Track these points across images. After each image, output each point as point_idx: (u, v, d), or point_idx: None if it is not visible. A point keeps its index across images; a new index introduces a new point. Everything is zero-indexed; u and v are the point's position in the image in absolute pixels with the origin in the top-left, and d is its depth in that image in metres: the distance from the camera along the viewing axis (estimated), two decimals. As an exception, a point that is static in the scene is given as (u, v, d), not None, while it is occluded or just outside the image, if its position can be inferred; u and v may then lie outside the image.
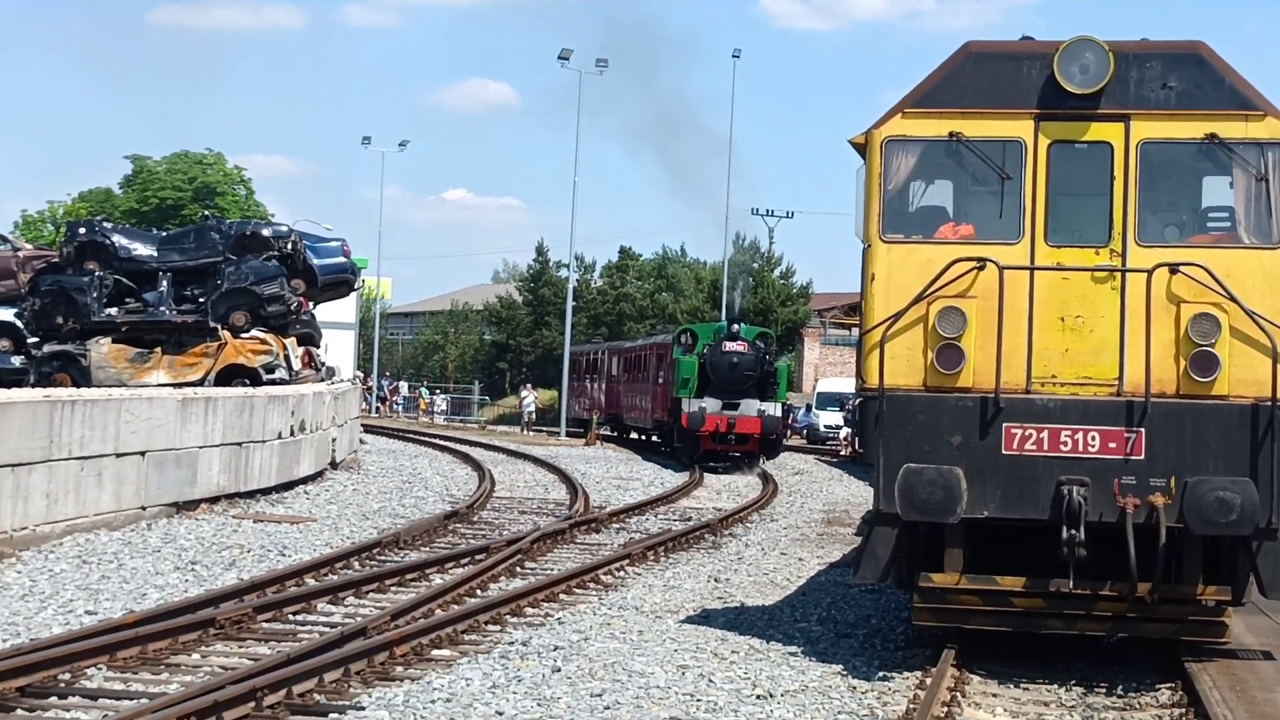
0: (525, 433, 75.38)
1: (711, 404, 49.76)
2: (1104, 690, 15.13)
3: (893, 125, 15.97)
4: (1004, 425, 15.23)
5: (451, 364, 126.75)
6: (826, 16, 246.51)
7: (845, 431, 66.02)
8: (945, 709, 13.38)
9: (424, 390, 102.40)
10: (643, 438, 65.08)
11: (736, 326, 51.86)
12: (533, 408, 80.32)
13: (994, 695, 14.78)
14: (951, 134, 15.80)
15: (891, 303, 15.65)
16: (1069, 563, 14.94)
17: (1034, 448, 15.19)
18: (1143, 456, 15.06)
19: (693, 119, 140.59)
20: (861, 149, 16.28)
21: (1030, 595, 15.37)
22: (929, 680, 14.48)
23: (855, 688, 14.69)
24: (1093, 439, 15.13)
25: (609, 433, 67.95)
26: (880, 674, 15.34)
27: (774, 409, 50.66)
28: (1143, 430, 15.08)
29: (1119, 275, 15.37)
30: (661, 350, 58.44)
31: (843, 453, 64.26)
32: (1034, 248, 15.56)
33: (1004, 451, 15.22)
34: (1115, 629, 15.62)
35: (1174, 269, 15.23)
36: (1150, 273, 15.17)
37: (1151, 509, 14.89)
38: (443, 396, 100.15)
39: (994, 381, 15.30)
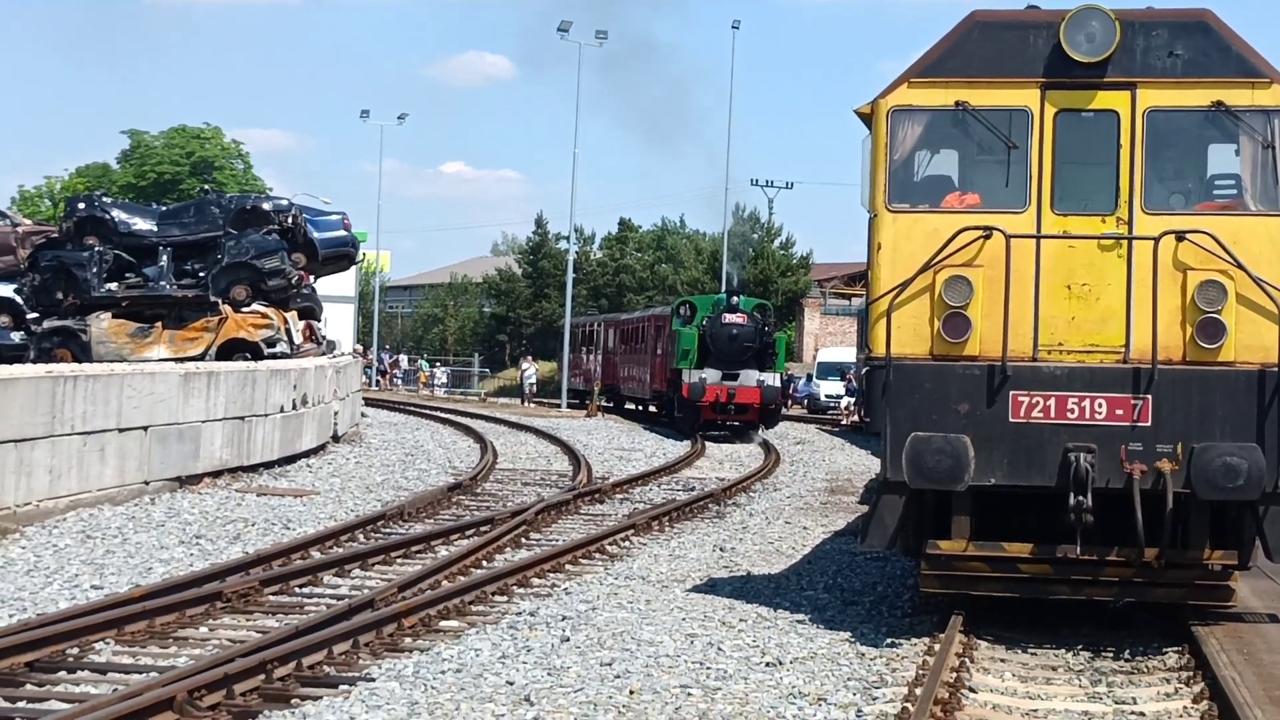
0: (526, 404, 75.36)
1: (711, 374, 50.39)
2: (1111, 654, 15.15)
3: (898, 95, 15.93)
4: (1011, 393, 15.23)
5: (451, 337, 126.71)
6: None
7: (846, 401, 66.13)
8: (954, 674, 13.38)
9: (424, 363, 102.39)
10: (639, 408, 65.65)
11: (736, 299, 52.53)
12: (534, 379, 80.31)
13: (1001, 660, 14.79)
14: (957, 103, 15.75)
15: (898, 272, 15.63)
16: (1076, 529, 14.95)
17: (1041, 415, 15.19)
18: (1149, 423, 15.06)
19: (690, 90, 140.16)
20: (867, 119, 16.24)
21: (1037, 561, 15.38)
22: (937, 646, 14.50)
23: (864, 654, 14.71)
24: (1100, 406, 15.13)
25: (605, 404, 68.03)
26: (888, 640, 15.36)
27: (773, 379, 51.31)
28: (1149, 397, 15.08)
29: (1125, 243, 15.35)
30: (660, 322, 59.14)
31: (844, 422, 64.33)
32: (1040, 216, 15.53)
33: (1011, 419, 15.21)
34: (1122, 594, 15.63)
35: (1180, 236, 15.21)
36: (1157, 240, 15.15)
37: (1158, 475, 14.90)
38: (443, 369, 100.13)
39: (1001, 350, 15.29)
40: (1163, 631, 15.95)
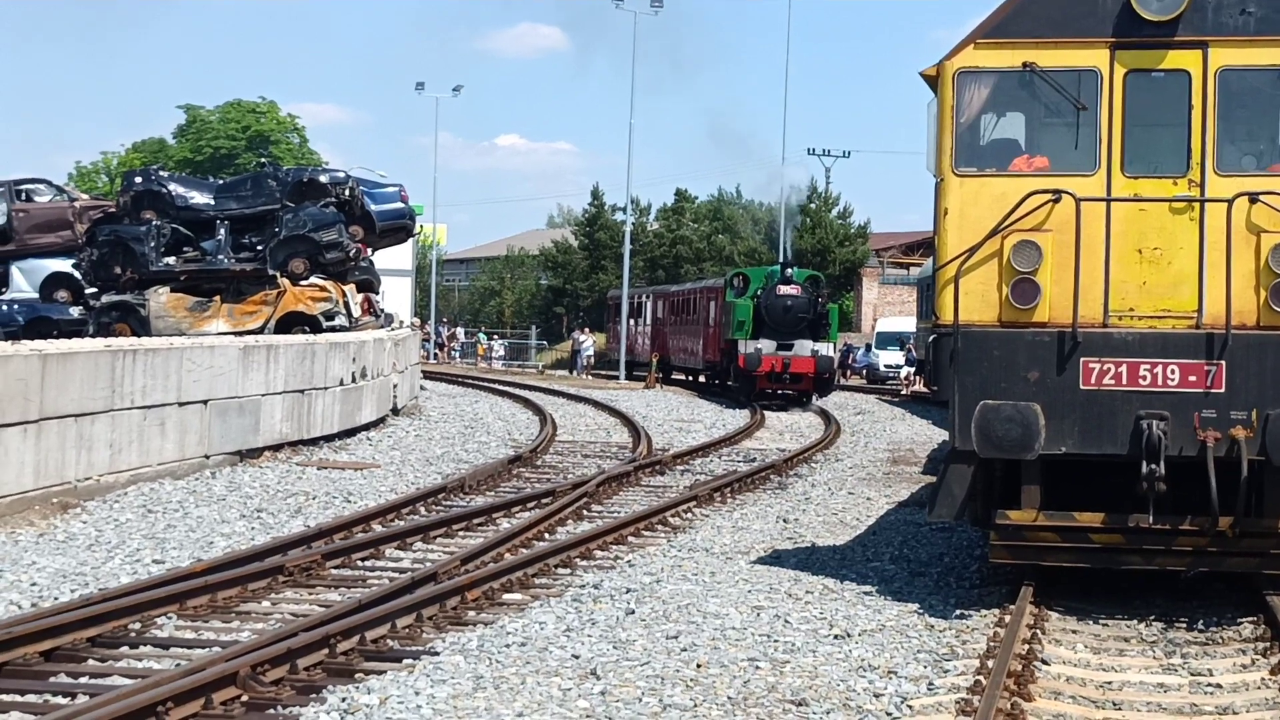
0: (583, 375, 75.20)
1: (767, 345, 51.27)
2: (1184, 625, 14.89)
3: (965, 56, 15.65)
4: (1082, 360, 14.96)
5: (508, 309, 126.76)
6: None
7: (906, 371, 65.84)
8: (1026, 646, 13.16)
9: (481, 335, 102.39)
10: (690, 379, 66.29)
11: (790, 270, 53.55)
12: (590, 351, 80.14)
13: (1073, 632, 14.55)
14: (1025, 64, 15.46)
15: (965, 237, 15.37)
16: (1149, 498, 14.67)
17: (1112, 382, 14.92)
18: (1223, 389, 14.76)
19: (744, 64, 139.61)
20: (933, 81, 15.97)
21: (1109, 531, 15.08)
22: (1007, 618, 14.27)
23: (933, 626, 14.49)
24: (1172, 372, 14.85)
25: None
26: (957, 612, 15.13)
27: (827, 349, 52.15)
28: (1223, 363, 14.79)
29: (1197, 206, 15.05)
30: (712, 294, 60.01)
31: (904, 392, 64.05)
32: (1110, 179, 15.24)
33: (1082, 386, 14.94)
34: (1195, 564, 15.31)
35: (1254, 198, 14.89)
36: (1230, 203, 14.84)
37: (1232, 442, 14.61)
38: (500, 342, 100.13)
39: (1070, 316, 15.03)
40: (1236, 602, 15.65)
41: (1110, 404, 14.90)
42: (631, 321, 75.99)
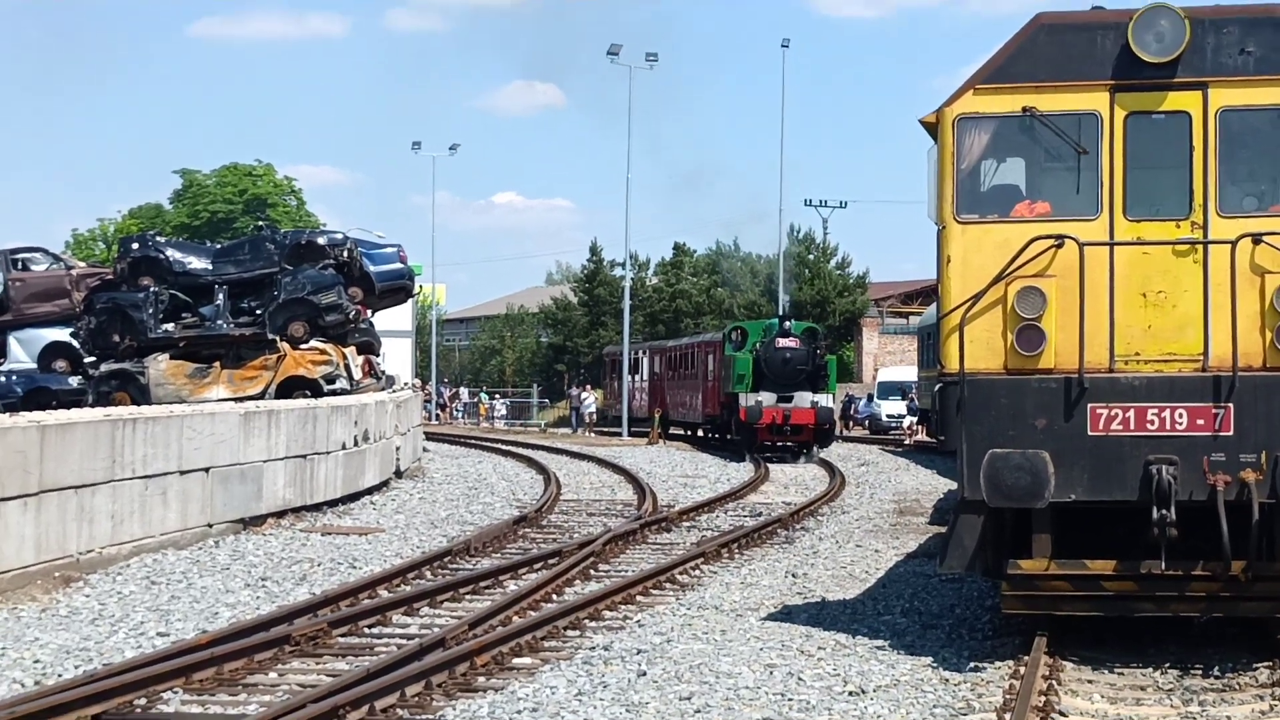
0: (586, 434, 75.04)
1: (767, 397, 51.91)
2: (1199, 672, 14.73)
3: (964, 102, 15.58)
4: (1089, 406, 14.84)
5: (509, 368, 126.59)
6: (873, 4, 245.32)
7: (909, 420, 65.66)
8: (1043, 698, 13.00)
9: (483, 395, 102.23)
10: (689, 433, 66.97)
11: (788, 323, 54.46)
12: (592, 408, 79.97)
13: (1089, 682, 14.39)
14: (1025, 109, 15.39)
15: (969, 285, 15.26)
16: (1160, 544, 14.53)
17: (1120, 427, 14.80)
18: (1232, 432, 14.65)
19: (740, 116, 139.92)
20: (932, 128, 15.91)
21: (1121, 579, 14.94)
22: (1022, 669, 14.12)
23: (947, 680, 14.33)
24: (1180, 416, 14.73)
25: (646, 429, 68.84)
26: (971, 665, 14.97)
27: (826, 400, 52.80)
28: (1231, 405, 14.68)
29: (1201, 248, 14.96)
30: (710, 348, 61.25)
31: (907, 442, 63.88)
32: (1113, 223, 15.15)
33: (1090, 432, 14.83)
34: (1209, 609, 15.16)
35: (1257, 239, 14.82)
36: (1234, 244, 14.76)
37: (1243, 485, 14.50)
38: (502, 401, 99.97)
39: (1077, 361, 14.92)
40: (1251, 647, 15.49)
41: (1119, 450, 14.77)
42: (630, 377, 76.34)
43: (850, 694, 13.66)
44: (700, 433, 65.07)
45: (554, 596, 19.88)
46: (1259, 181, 15.58)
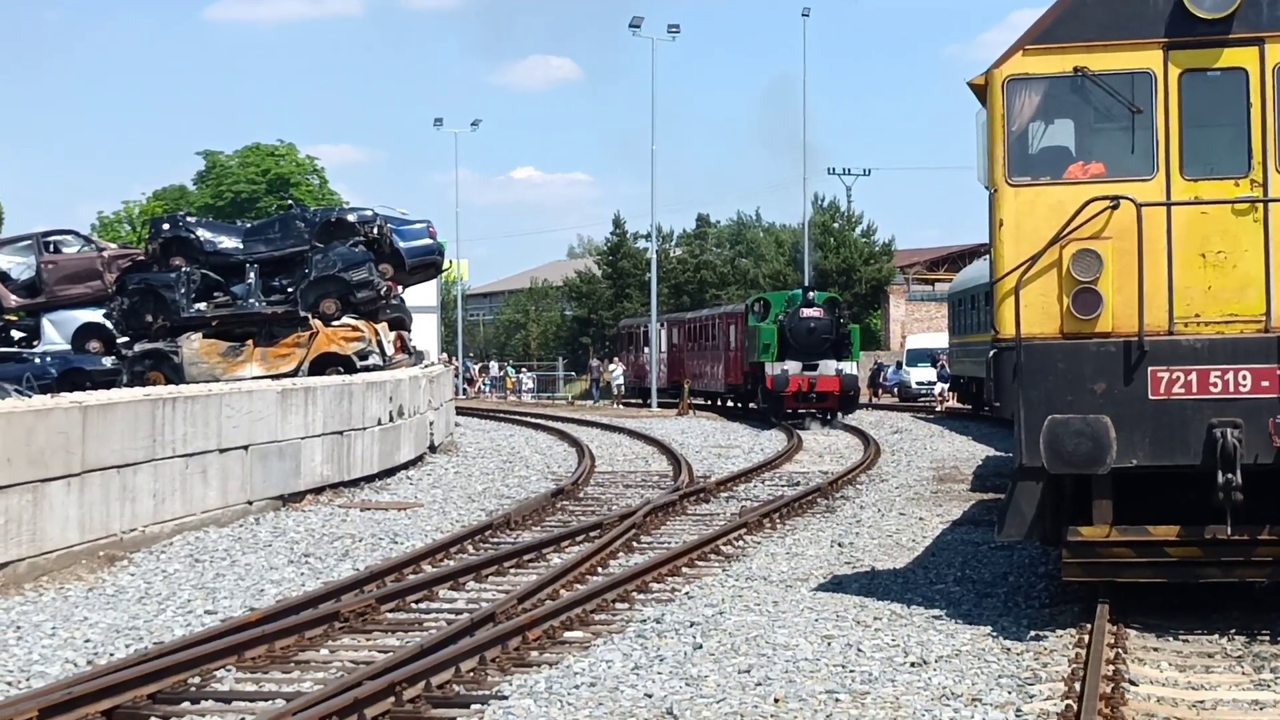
0: (615, 405, 74.88)
1: (793, 366, 53.23)
2: (1266, 638, 14.48)
3: (1014, 63, 15.32)
4: (1150, 369, 14.60)
5: (534, 342, 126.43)
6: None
7: (940, 387, 65.41)
8: (1111, 667, 12.78)
9: (510, 369, 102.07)
10: (709, 403, 68.13)
11: (812, 294, 55.69)
12: (620, 380, 79.74)
13: (1154, 650, 14.16)
14: (1076, 69, 15.13)
15: (1022, 248, 15.02)
16: (1225, 508, 14.29)
17: (1182, 391, 14.56)
18: None
19: (763, 83, 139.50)
20: (981, 91, 15.66)
21: (1185, 544, 14.69)
22: (1086, 638, 13.91)
23: (1009, 649, 14.11)
24: (1244, 378, 14.49)
25: (671, 400, 69.50)
26: (1032, 633, 14.75)
27: (850, 367, 53.97)
28: None
29: (1261, 206, 14.70)
30: (732, 319, 62.64)
31: (938, 408, 63.66)
32: (1169, 183, 14.90)
33: (1151, 397, 14.59)
34: (1276, 573, 14.89)
35: (1319, 196, 14.55)
36: (1296, 202, 14.50)
37: (1309, 447, 14.24)
38: (529, 374, 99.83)
39: (1135, 324, 14.69)
40: (1317, 611, 15.28)
41: (1181, 413, 14.53)
42: (647, 349, 77.17)
43: (912, 665, 13.45)
44: (722, 402, 66.31)
45: (599, 569, 19.72)
46: (1318, 138, 15.28)
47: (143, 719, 12.45)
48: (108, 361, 36.12)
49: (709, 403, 68.39)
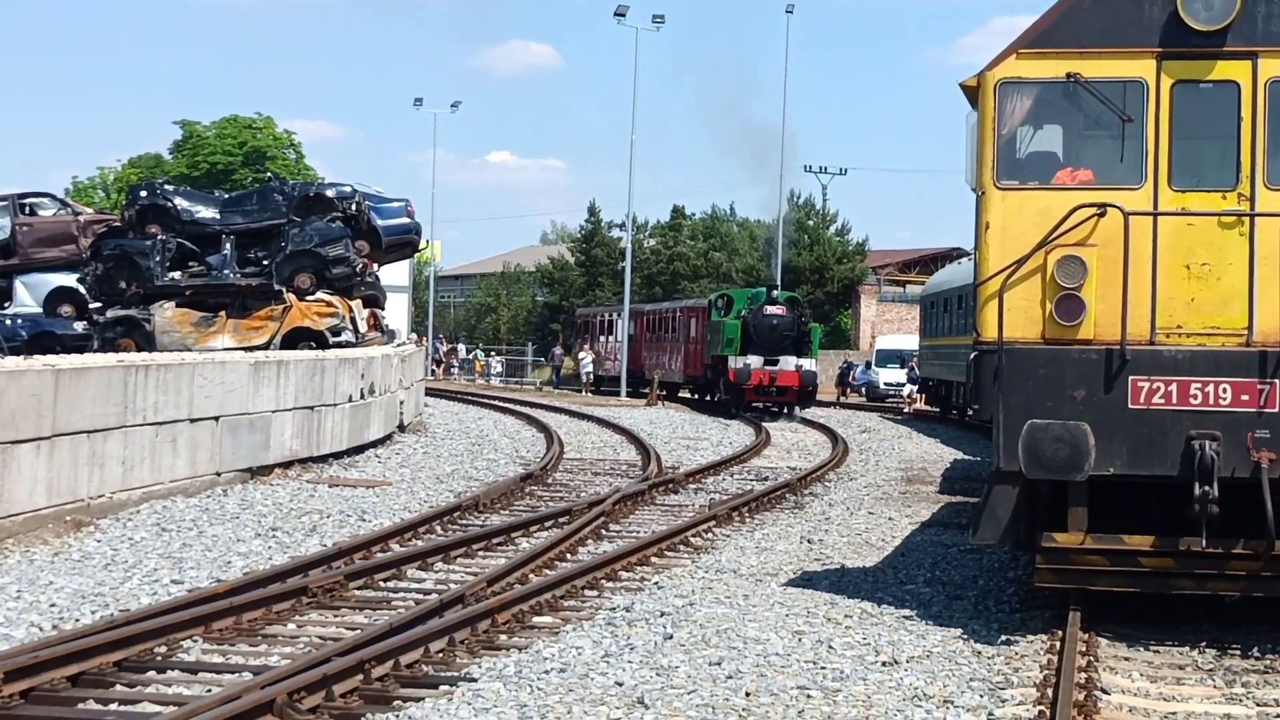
0: (584, 394, 74.87)
1: (755, 360, 55.44)
2: (1237, 652, 14.49)
3: (1007, 67, 15.28)
4: (1130, 378, 14.58)
5: (504, 326, 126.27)
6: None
7: (909, 389, 65.50)
8: (1084, 675, 12.76)
9: (479, 352, 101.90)
10: (664, 393, 69.06)
11: (776, 292, 58.44)
12: (590, 368, 79.68)
13: (1126, 659, 14.15)
14: (1069, 75, 15.10)
15: (1008, 252, 14.98)
16: (1200, 520, 14.27)
17: (1162, 401, 14.54)
18: (1277, 408, 14.37)
19: (744, 78, 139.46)
20: (972, 93, 15.60)
21: (1159, 555, 14.65)
22: (1057, 644, 13.90)
23: (980, 652, 14.08)
24: (1224, 391, 14.47)
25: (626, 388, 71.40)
26: (1003, 638, 14.73)
27: (809, 364, 56.19)
28: (1276, 381, 14.40)
29: (1248, 220, 14.68)
30: (693, 313, 65.46)
31: (906, 410, 63.71)
32: (1157, 193, 14.87)
33: (1130, 406, 14.56)
34: (1250, 589, 14.87)
35: (1307, 213, 14.54)
36: (1284, 217, 14.48)
37: (1287, 463, 14.23)
38: (498, 359, 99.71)
39: (1117, 333, 14.66)
40: (1287, 627, 15.29)
41: (1160, 424, 14.51)
42: (602, 339, 79.48)
43: (884, 664, 13.42)
44: (682, 393, 68.41)
45: (568, 555, 19.68)
46: (1307, 155, 15.26)
47: (108, 686, 12.35)
48: (79, 326, 35.87)
49: (663, 393, 68.59)
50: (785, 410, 55.57)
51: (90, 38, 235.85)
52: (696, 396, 65.32)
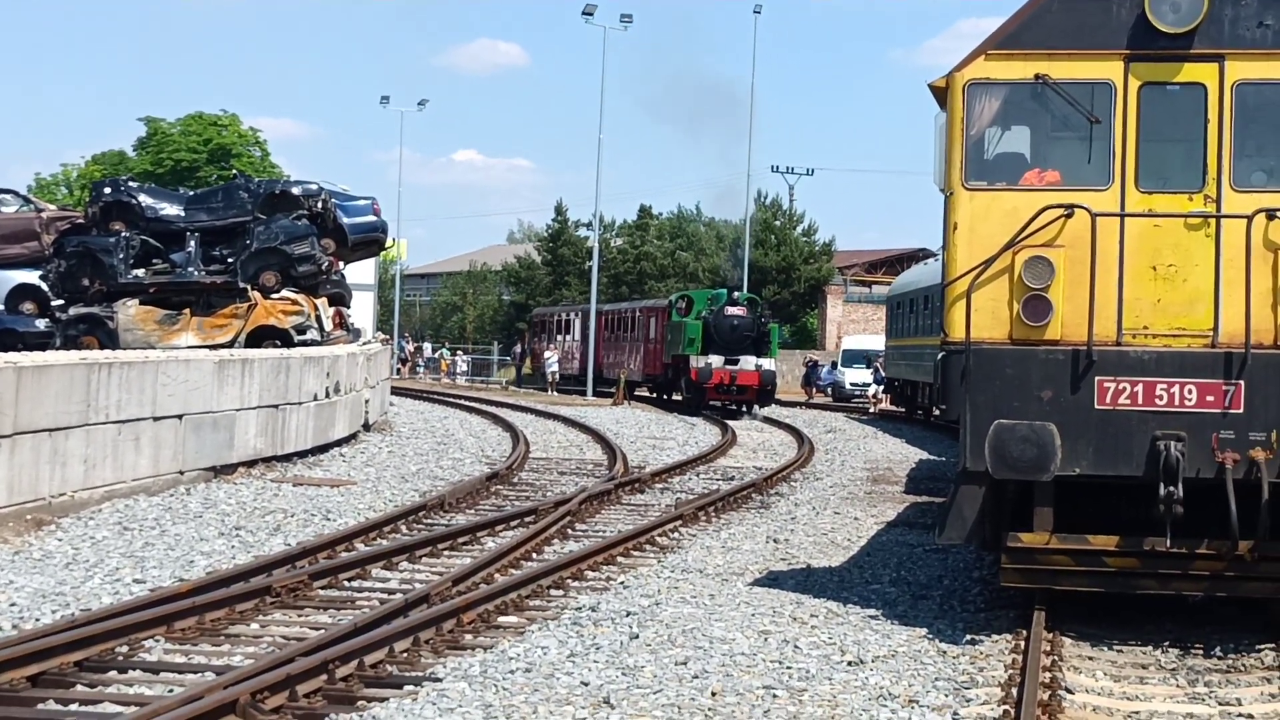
0: (550, 392, 74.79)
1: (716, 360, 56.68)
2: (1200, 652, 14.51)
3: (975, 68, 15.28)
4: (1096, 379, 14.59)
5: (470, 325, 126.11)
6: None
7: (874, 389, 65.56)
8: (1048, 674, 12.76)
9: (444, 351, 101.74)
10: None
11: (737, 293, 60.19)
12: (555, 367, 79.58)
13: (1089, 659, 14.16)
14: (1037, 76, 15.10)
15: (975, 252, 14.97)
16: (1165, 521, 14.28)
17: (1128, 402, 14.55)
18: (1242, 410, 14.40)
19: (710, 76, 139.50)
20: (941, 94, 15.58)
21: (1124, 555, 14.66)
22: (1022, 644, 13.90)
23: (945, 652, 14.08)
24: (1189, 392, 14.48)
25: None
26: (967, 637, 14.73)
27: (769, 364, 57.40)
28: (1241, 382, 14.43)
29: (1213, 222, 14.69)
30: (653, 313, 67.08)
31: (871, 410, 63.77)
32: (1124, 194, 14.88)
33: (1096, 406, 14.57)
34: (1213, 588, 14.91)
35: (1272, 215, 14.56)
36: (1250, 219, 14.49)
37: (1252, 464, 14.26)
38: (464, 358, 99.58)
39: (1084, 334, 14.66)
40: (1251, 628, 15.29)
41: (1126, 424, 14.52)
42: (560, 337, 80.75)
43: (849, 664, 13.40)
44: (640, 391, 69.85)
45: (534, 555, 19.63)
46: (1273, 156, 15.23)
47: (69, 686, 12.27)
48: (41, 324, 35.66)
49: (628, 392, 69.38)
50: (745, 408, 56.68)
51: (53, 32, 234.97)
52: (655, 395, 66.60)
